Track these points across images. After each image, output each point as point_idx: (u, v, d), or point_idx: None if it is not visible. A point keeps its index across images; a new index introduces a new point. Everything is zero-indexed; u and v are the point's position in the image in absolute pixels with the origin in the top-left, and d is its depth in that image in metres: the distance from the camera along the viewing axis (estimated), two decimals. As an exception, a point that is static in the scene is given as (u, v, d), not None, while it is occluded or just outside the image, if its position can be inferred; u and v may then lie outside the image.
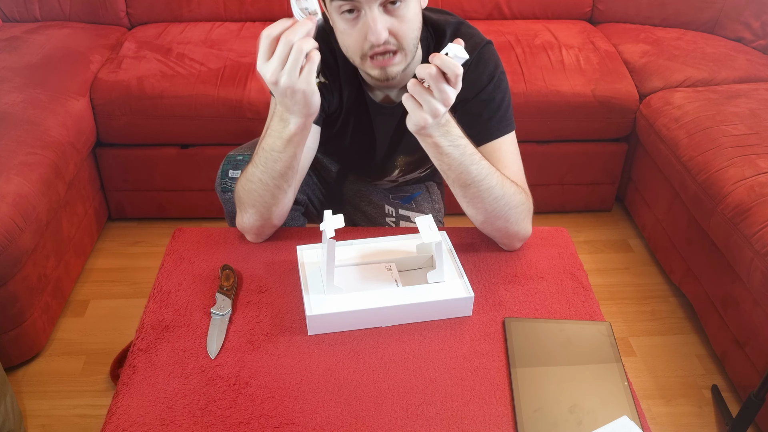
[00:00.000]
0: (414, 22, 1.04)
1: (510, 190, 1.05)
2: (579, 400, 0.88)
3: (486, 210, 1.05)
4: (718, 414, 1.58)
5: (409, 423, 0.86)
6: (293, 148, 1.01)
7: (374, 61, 1.03)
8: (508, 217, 1.07)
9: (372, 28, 0.98)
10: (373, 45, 1.00)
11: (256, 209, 1.08)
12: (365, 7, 0.98)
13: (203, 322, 1.00)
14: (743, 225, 1.52)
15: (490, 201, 1.04)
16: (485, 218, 1.08)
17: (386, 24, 0.99)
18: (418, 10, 1.05)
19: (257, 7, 2.37)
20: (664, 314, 1.89)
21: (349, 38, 1.03)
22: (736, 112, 1.85)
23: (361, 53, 1.03)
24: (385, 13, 0.99)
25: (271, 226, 1.14)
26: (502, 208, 1.05)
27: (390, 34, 1.00)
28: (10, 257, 1.48)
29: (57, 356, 1.71)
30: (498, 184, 1.03)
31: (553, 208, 2.28)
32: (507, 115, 1.13)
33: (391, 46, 1.02)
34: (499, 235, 1.13)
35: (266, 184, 1.04)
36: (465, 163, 0.99)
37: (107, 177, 2.11)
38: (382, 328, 0.99)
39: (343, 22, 1.02)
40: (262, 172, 1.03)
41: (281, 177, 1.04)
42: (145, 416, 0.86)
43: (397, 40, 1.02)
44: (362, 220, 1.43)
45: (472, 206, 1.06)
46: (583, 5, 2.45)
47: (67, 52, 2.08)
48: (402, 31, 1.01)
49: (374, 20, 0.98)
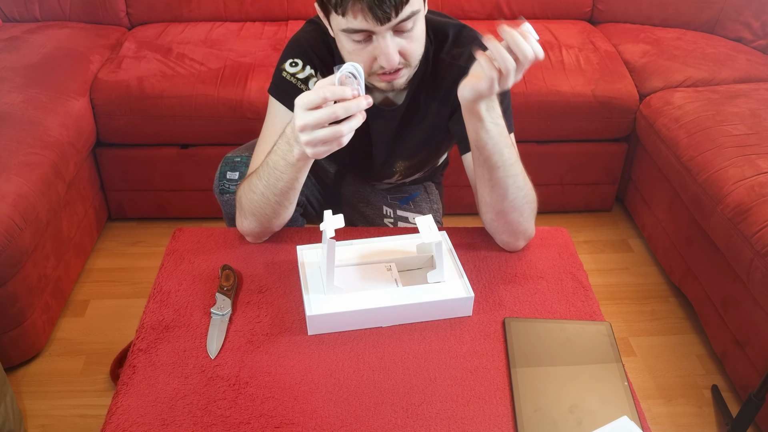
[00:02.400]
0: (421, 39, 1.04)
1: (529, 184, 1.06)
2: (579, 400, 0.88)
3: (507, 199, 1.05)
4: (718, 414, 1.58)
5: (409, 423, 0.86)
6: (295, 172, 1.00)
7: (382, 77, 1.03)
8: (522, 210, 1.07)
9: (386, 56, 0.98)
10: (383, 67, 1.00)
11: (257, 218, 1.09)
12: (378, 34, 0.97)
13: (203, 322, 1.00)
14: (743, 225, 1.52)
15: (513, 189, 1.04)
16: (502, 208, 1.07)
17: (397, 47, 0.99)
18: (424, 26, 1.04)
19: (257, 7, 2.37)
20: (664, 314, 1.89)
21: (357, 59, 1.01)
22: (736, 112, 1.85)
23: (369, 72, 1.03)
24: (395, 35, 0.99)
25: (270, 231, 1.14)
26: (521, 200, 1.05)
27: (399, 54, 1.00)
28: (10, 257, 1.48)
29: (57, 356, 1.71)
30: (521, 174, 1.04)
31: (553, 208, 2.28)
32: (507, 116, 1.13)
33: (399, 65, 1.02)
34: (507, 231, 1.11)
35: (267, 198, 1.04)
36: (500, 144, 1.00)
37: (107, 177, 2.11)
38: (382, 328, 0.99)
39: (352, 44, 1.00)
40: (265, 186, 1.03)
41: (282, 195, 1.04)
42: (145, 416, 0.86)
43: (406, 59, 1.02)
44: (360, 220, 1.43)
45: (495, 192, 1.05)
46: (583, 5, 2.45)
47: (67, 52, 2.08)
48: (410, 50, 1.02)
49: (387, 47, 0.97)
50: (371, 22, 0.94)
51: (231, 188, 1.27)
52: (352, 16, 0.94)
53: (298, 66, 1.13)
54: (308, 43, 1.14)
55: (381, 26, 0.94)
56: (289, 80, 1.12)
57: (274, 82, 1.14)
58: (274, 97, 1.13)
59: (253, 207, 1.06)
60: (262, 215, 1.07)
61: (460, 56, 1.12)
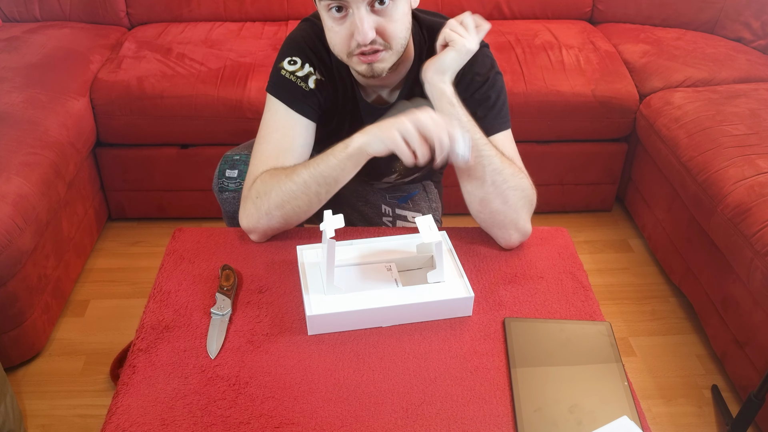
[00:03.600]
0: (402, 22, 1.03)
1: (510, 169, 1.06)
2: (579, 400, 0.88)
3: (485, 183, 1.06)
4: (718, 414, 1.58)
5: (409, 423, 0.86)
6: (353, 166, 1.05)
7: (361, 57, 1.03)
8: (506, 197, 1.06)
9: (359, 28, 0.99)
10: (359, 44, 1.01)
11: (284, 212, 1.08)
12: (353, 7, 0.98)
13: (203, 322, 1.00)
14: (743, 225, 1.52)
15: (489, 172, 1.05)
16: (483, 195, 1.07)
17: (373, 23, 0.99)
18: (407, 10, 1.04)
19: (257, 7, 2.37)
20: (664, 314, 1.89)
21: (336, 36, 1.03)
22: (736, 112, 1.85)
23: (347, 51, 1.04)
24: (373, 12, 0.99)
25: (285, 228, 1.14)
26: (500, 184, 1.05)
27: (377, 33, 1.01)
28: (10, 257, 1.48)
29: (57, 356, 1.71)
30: (497, 156, 1.05)
31: (553, 208, 2.28)
32: (502, 113, 1.13)
33: (378, 46, 1.02)
34: (495, 223, 1.11)
35: (309, 187, 1.06)
36: (482, 151, 1.04)
37: (107, 177, 2.11)
38: (382, 328, 0.99)
39: (331, 20, 1.02)
40: (311, 175, 1.05)
41: (328, 185, 1.07)
42: (145, 416, 0.86)
43: (385, 39, 1.02)
44: (359, 219, 1.43)
45: (472, 178, 1.07)
46: (583, 5, 2.45)
47: (67, 52, 2.08)
48: (389, 31, 1.02)
49: (361, 20, 0.98)
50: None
51: (230, 186, 1.27)
52: None
53: (297, 64, 1.13)
54: (305, 41, 1.14)
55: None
56: (288, 78, 1.12)
57: (272, 81, 1.14)
58: (273, 96, 1.13)
59: (286, 197, 1.06)
60: (294, 207, 1.07)
61: None
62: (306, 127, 1.13)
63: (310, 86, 1.13)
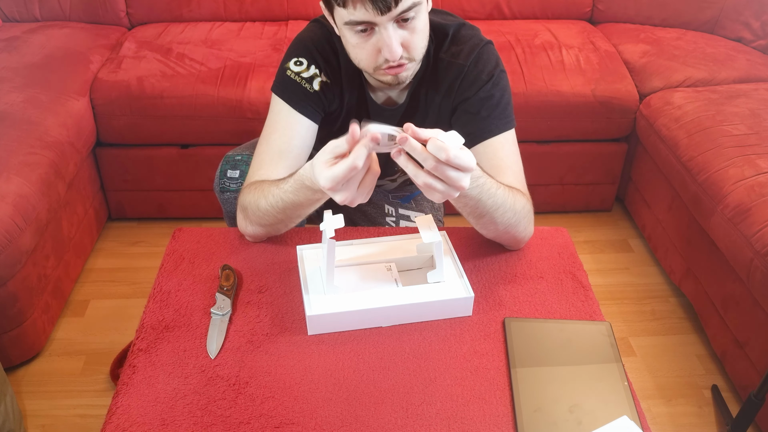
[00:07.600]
0: (424, 32, 1.04)
1: (519, 204, 1.04)
2: (579, 400, 0.88)
3: (497, 229, 1.06)
4: (718, 414, 1.58)
5: (409, 423, 0.86)
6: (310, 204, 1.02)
7: (388, 70, 1.03)
8: (518, 224, 1.07)
9: (389, 46, 0.98)
10: (387, 60, 1.01)
11: (264, 228, 1.10)
12: (380, 25, 0.97)
13: (203, 322, 1.00)
14: (743, 225, 1.52)
15: (502, 222, 1.04)
16: (495, 235, 1.09)
17: (400, 39, 0.99)
18: (427, 19, 1.05)
19: (257, 7, 2.37)
20: (664, 314, 1.89)
21: (362, 52, 1.02)
22: (736, 112, 1.85)
23: (374, 66, 1.03)
24: (398, 27, 0.99)
25: (276, 234, 1.15)
26: (513, 222, 1.05)
27: (402, 47, 1.00)
28: (10, 257, 1.48)
29: (57, 356, 1.71)
30: (509, 202, 1.01)
31: (553, 208, 2.28)
32: (506, 113, 1.13)
33: (404, 60, 1.02)
34: (508, 242, 1.13)
35: (275, 217, 1.06)
36: (483, 200, 0.98)
37: (107, 177, 2.11)
38: (382, 328, 0.99)
39: (355, 37, 1.01)
40: (271, 206, 1.04)
41: (293, 218, 1.06)
42: (145, 416, 0.86)
43: (409, 51, 1.02)
44: (362, 219, 1.43)
45: (485, 228, 1.07)
46: (583, 5, 2.45)
47: (67, 52, 2.08)
48: (413, 43, 1.02)
49: (390, 38, 0.98)
50: (372, 12, 0.94)
51: (231, 186, 1.27)
52: (353, 7, 0.95)
53: (303, 65, 1.13)
54: (313, 43, 1.14)
55: (382, 17, 0.95)
56: (294, 79, 1.12)
57: (277, 81, 1.14)
58: (278, 96, 1.13)
59: (262, 215, 1.07)
60: (273, 223, 1.08)
61: (459, 54, 1.12)
62: (307, 128, 1.13)
63: (315, 88, 1.13)
